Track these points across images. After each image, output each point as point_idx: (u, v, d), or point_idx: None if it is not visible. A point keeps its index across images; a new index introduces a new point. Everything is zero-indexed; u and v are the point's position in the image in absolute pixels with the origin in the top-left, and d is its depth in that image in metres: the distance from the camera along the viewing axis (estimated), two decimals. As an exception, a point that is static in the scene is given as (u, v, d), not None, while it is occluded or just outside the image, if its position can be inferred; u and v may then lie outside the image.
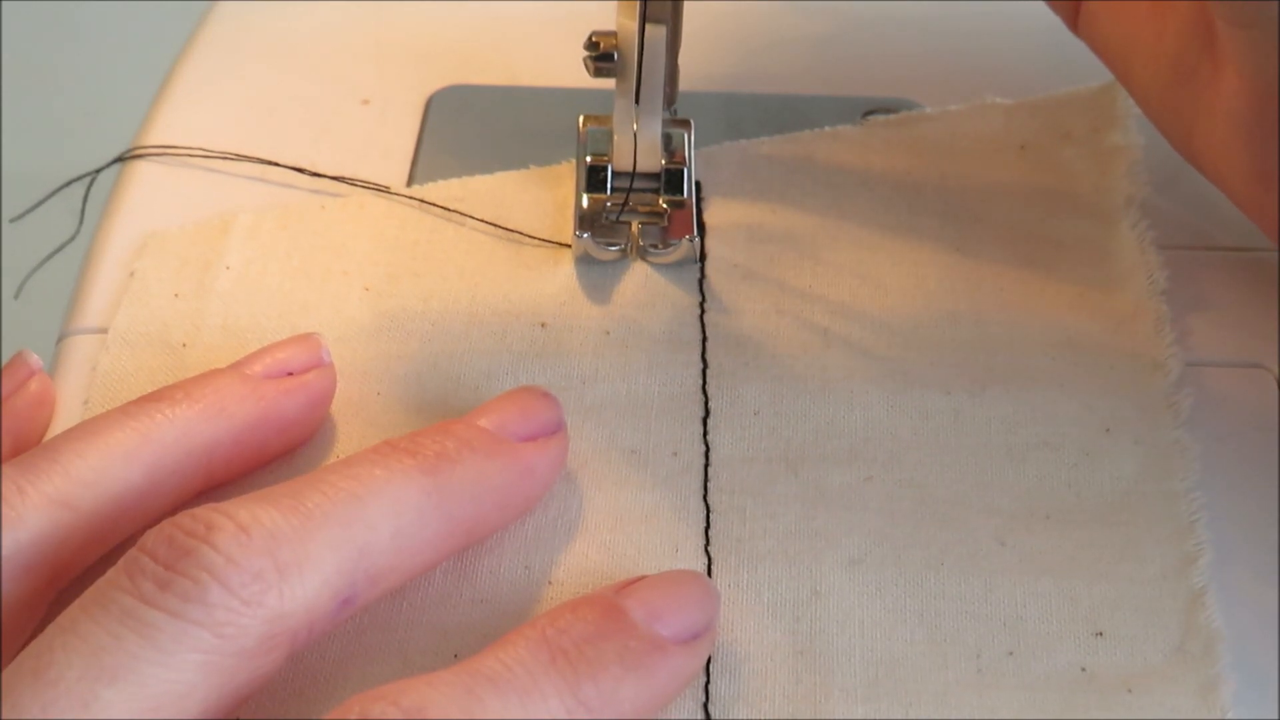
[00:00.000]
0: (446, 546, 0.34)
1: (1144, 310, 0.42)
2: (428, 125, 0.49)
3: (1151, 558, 0.36)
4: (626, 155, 0.44)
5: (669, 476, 0.38)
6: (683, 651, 0.33)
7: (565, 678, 0.30)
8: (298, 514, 0.31)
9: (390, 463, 0.33)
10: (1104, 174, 0.45)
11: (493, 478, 0.35)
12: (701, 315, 0.42)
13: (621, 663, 0.31)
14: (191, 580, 0.30)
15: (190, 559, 0.30)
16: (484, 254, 0.44)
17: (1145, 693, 0.34)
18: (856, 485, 0.38)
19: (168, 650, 0.29)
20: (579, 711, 0.30)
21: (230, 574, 0.30)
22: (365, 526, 0.32)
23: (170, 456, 0.35)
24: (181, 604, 0.29)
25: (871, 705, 0.34)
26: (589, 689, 0.30)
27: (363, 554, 0.32)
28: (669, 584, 0.34)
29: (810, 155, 0.47)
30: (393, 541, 0.33)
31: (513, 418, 0.36)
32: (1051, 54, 0.50)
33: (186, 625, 0.29)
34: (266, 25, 0.53)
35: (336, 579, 0.31)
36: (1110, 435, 0.39)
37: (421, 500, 0.33)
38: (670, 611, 0.33)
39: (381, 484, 0.33)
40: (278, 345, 0.39)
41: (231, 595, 0.30)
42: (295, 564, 0.31)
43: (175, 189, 0.46)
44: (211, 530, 0.30)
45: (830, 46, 0.52)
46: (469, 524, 0.35)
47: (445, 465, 0.34)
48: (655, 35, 0.41)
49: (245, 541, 0.30)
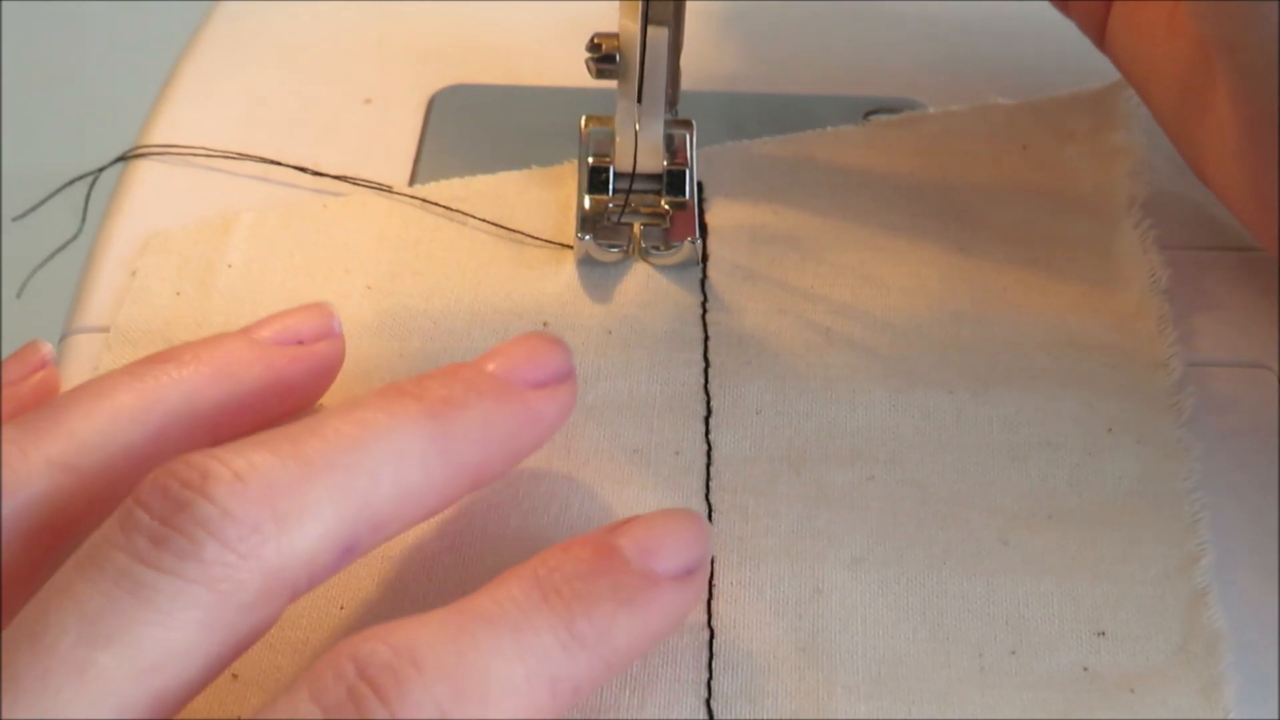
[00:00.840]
0: (450, 493, 0.33)
1: (1146, 310, 0.42)
2: (430, 125, 0.49)
3: (1154, 557, 0.36)
4: (628, 156, 0.44)
5: (671, 476, 0.38)
6: (676, 587, 0.32)
7: (558, 613, 0.30)
8: (297, 461, 0.30)
9: (395, 407, 0.32)
10: (1106, 174, 0.45)
11: (499, 424, 0.34)
12: (703, 315, 0.42)
13: (615, 598, 0.31)
14: (186, 536, 0.29)
15: (185, 514, 0.29)
16: (486, 254, 0.44)
17: (1147, 692, 0.34)
18: (859, 484, 0.38)
19: (165, 610, 0.28)
20: (573, 646, 0.30)
21: (226, 527, 0.29)
22: (367, 474, 0.31)
23: (176, 420, 0.34)
24: (177, 561, 0.28)
25: (874, 703, 0.34)
26: (583, 624, 0.30)
27: (365, 503, 0.31)
28: (661, 521, 0.33)
29: (812, 155, 0.47)
30: (396, 489, 0.32)
31: (522, 363, 0.35)
32: (1054, 54, 0.51)
33: (183, 583, 0.28)
34: (269, 25, 0.53)
35: (337, 529, 0.31)
36: (1112, 435, 0.39)
37: (426, 446, 0.32)
38: (663, 548, 0.32)
39: (385, 430, 0.32)
40: (289, 312, 0.38)
41: (228, 550, 0.29)
42: (294, 514, 0.30)
43: (178, 188, 0.46)
44: (207, 480, 0.29)
45: (832, 47, 0.52)
46: (474, 470, 0.34)
47: (451, 411, 0.33)
48: (657, 37, 0.41)
49: (241, 491, 0.29)
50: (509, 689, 0.29)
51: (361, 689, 0.28)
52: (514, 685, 0.29)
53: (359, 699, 0.28)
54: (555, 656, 0.30)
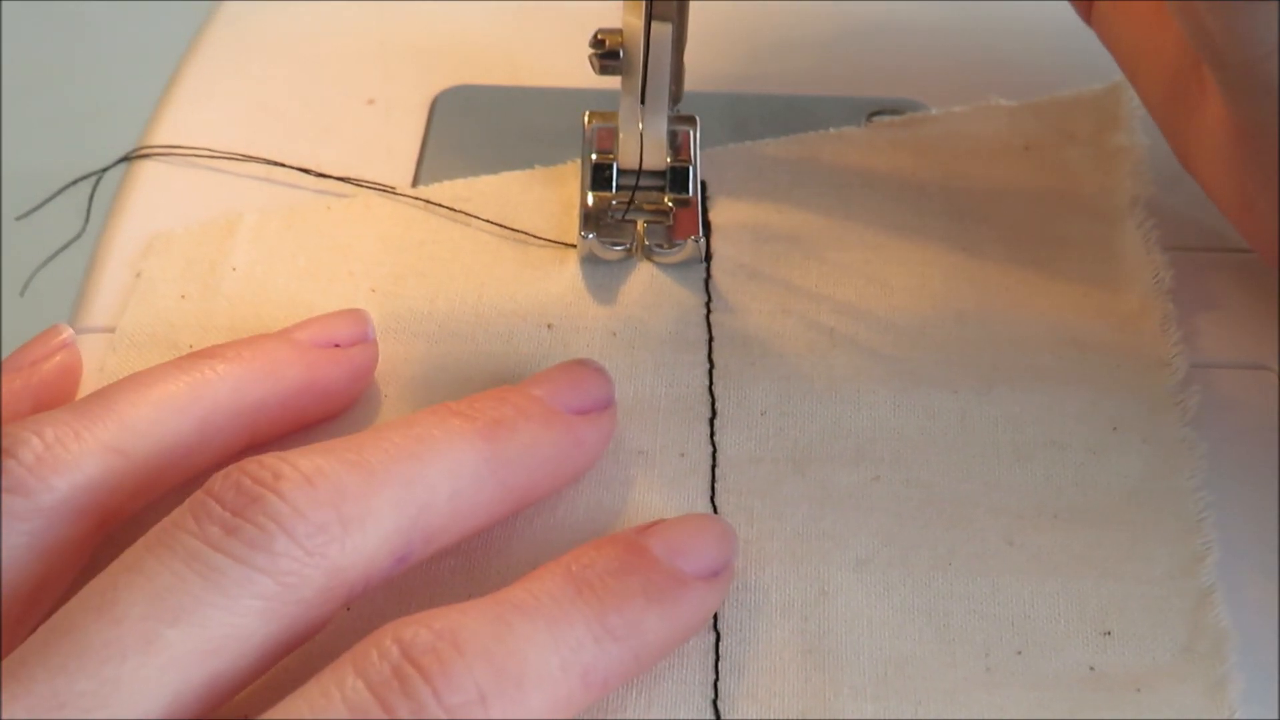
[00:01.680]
0: (499, 511, 0.35)
1: (1150, 309, 0.42)
2: (433, 125, 0.49)
3: (1159, 557, 0.36)
4: (632, 153, 0.44)
5: (676, 477, 0.38)
6: (704, 586, 0.33)
7: (592, 607, 0.31)
8: (361, 470, 0.32)
9: (449, 425, 0.34)
10: (1109, 174, 0.46)
11: (546, 447, 0.35)
12: (708, 315, 0.42)
13: (645, 595, 0.32)
14: (258, 527, 0.30)
15: (257, 506, 0.30)
16: (490, 254, 0.44)
17: (1153, 692, 0.34)
18: (864, 485, 0.38)
19: (230, 594, 0.30)
20: (605, 639, 0.31)
21: (296, 524, 0.30)
22: (425, 487, 0.33)
23: (221, 412, 0.35)
24: (247, 550, 0.30)
25: (881, 704, 0.34)
26: (615, 619, 0.31)
27: (421, 513, 0.33)
28: (688, 524, 0.35)
29: (815, 156, 0.47)
30: (450, 503, 0.33)
31: (566, 389, 0.37)
32: (1055, 55, 0.51)
33: (250, 571, 0.30)
34: (272, 25, 0.53)
35: (395, 537, 0.32)
36: (1117, 434, 0.39)
37: (479, 465, 0.34)
38: (690, 549, 0.34)
39: (442, 446, 0.33)
40: (326, 317, 0.39)
41: (296, 545, 0.30)
42: (358, 519, 0.31)
43: (181, 189, 0.46)
44: (279, 479, 0.31)
45: (835, 47, 0.52)
46: (521, 490, 0.35)
47: (502, 432, 0.35)
48: (661, 33, 0.41)
49: (311, 493, 0.31)
50: (544, 676, 0.30)
51: (406, 668, 0.29)
52: (549, 673, 0.30)
53: (404, 677, 0.29)
54: (588, 647, 0.31)
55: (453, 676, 0.29)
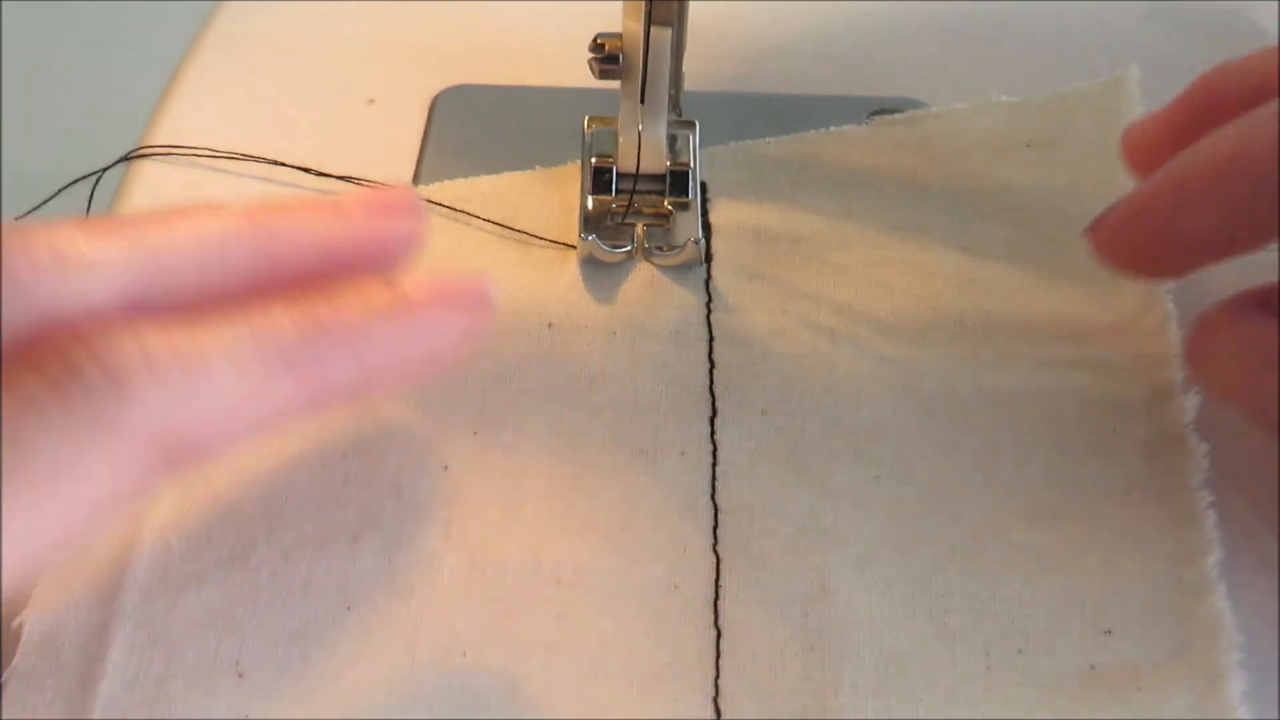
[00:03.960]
0: (269, 283, 0.32)
1: (1150, 308, 0.42)
2: (433, 125, 0.49)
3: (1159, 555, 0.36)
4: (631, 157, 0.44)
5: (677, 476, 0.38)
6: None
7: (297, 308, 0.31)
8: (100, 225, 0.31)
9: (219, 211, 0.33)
10: (1110, 171, 0.45)
11: (318, 227, 0.33)
12: (708, 315, 0.42)
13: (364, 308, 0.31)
14: None
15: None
16: (490, 254, 0.44)
17: (1153, 690, 0.34)
18: (864, 484, 0.38)
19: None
20: (311, 330, 0.30)
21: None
22: (164, 237, 0.31)
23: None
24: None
25: (881, 701, 0.34)
26: (323, 311, 0.31)
27: (155, 254, 0.31)
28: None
29: (816, 155, 0.47)
30: (197, 251, 0.31)
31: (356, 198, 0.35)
32: (1056, 52, 0.51)
33: None
34: (272, 25, 0.53)
35: (122, 275, 0.30)
36: (1117, 433, 0.39)
37: (234, 224, 0.32)
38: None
39: (195, 215, 0.32)
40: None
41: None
42: (76, 256, 0.30)
43: (181, 188, 0.46)
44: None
45: (835, 47, 0.52)
46: (288, 263, 0.33)
47: (270, 214, 0.33)
48: (660, 37, 0.41)
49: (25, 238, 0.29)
50: (234, 355, 0.29)
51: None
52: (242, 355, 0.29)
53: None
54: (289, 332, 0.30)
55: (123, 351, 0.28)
